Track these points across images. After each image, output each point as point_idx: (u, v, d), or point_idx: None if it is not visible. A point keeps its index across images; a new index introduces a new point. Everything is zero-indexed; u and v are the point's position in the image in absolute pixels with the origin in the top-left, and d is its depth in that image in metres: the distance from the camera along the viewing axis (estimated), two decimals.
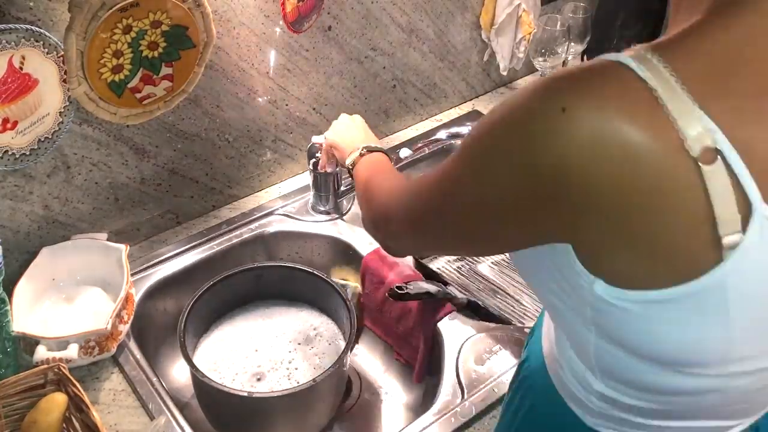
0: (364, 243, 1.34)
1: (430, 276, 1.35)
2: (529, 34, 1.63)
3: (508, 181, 0.59)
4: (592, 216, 0.57)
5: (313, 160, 1.32)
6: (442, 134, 1.26)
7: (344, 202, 1.41)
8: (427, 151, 1.37)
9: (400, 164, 1.34)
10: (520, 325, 1.30)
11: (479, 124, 0.63)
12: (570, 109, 0.55)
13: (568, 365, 0.78)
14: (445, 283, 1.29)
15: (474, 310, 1.27)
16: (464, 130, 1.63)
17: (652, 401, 0.71)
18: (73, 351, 1.03)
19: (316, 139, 1.30)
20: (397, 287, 1.15)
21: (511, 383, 0.95)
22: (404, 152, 1.33)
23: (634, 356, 0.65)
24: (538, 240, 0.64)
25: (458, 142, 1.60)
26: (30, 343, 1.04)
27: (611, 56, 0.58)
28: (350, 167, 1.09)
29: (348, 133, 1.17)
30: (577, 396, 0.78)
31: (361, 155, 1.09)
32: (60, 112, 1.09)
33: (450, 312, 1.19)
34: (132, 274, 1.19)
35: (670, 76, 0.55)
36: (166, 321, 1.26)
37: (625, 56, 0.57)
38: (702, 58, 0.56)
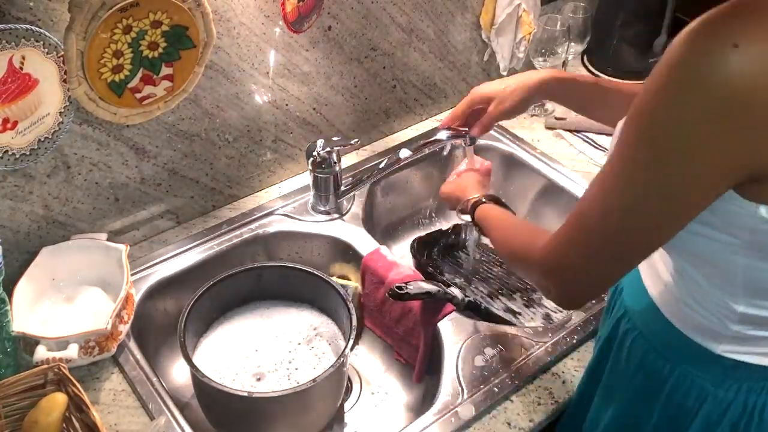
0: (364, 243, 1.34)
1: (431, 276, 1.35)
2: (529, 34, 1.63)
3: (687, 115, 0.63)
4: None
5: (312, 157, 1.32)
6: (442, 135, 1.26)
7: (344, 202, 1.41)
8: (427, 151, 1.37)
9: (400, 164, 1.34)
10: (519, 325, 1.30)
11: (642, 97, 0.67)
12: (742, 45, 0.61)
13: (699, 298, 0.83)
14: (446, 284, 1.29)
15: (474, 310, 1.27)
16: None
17: None
18: (73, 351, 1.03)
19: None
20: (397, 287, 1.15)
21: (604, 344, 0.99)
22: (404, 153, 1.33)
23: None
24: (724, 179, 0.68)
25: (458, 141, 1.60)
26: (30, 343, 1.04)
27: None
28: (471, 216, 1.13)
29: (461, 185, 1.21)
30: (709, 327, 0.83)
31: (484, 202, 1.12)
32: (60, 112, 1.09)
33: (450, 312, 1.19)
34: (132, 274, 1.19)
35: None
36: (166, 321, 1.26)
37: None
38: None
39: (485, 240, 1.28)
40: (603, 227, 0.74)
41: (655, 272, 0.90)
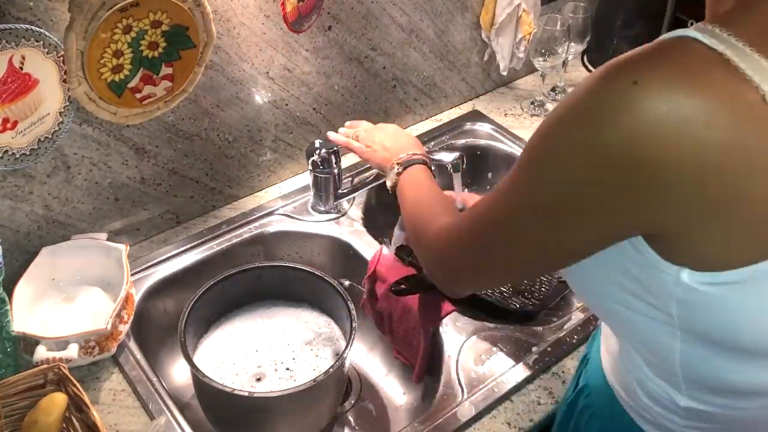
0: (364, 243, 1.34)
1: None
2: (529, 34, 1.63)
3: (583, 169, 0.58)
4: (674, 192, 0.56)
5: (312, 158, 1.32)
6: (447, 157, 1.27)
7: (344, 202, 1.41)
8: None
9: None
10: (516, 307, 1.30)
11: (543, 124, 0.63)
12: (642, 81, 0.55)
13: (644, 387, 0.76)
14: None
15: (475, 305, 1.27)
16: (463, 129, 1.64)
17: (742, 407, 0.70)
18: (73, 351, 1.03)
19: (333, 136, 1.26)
20: (398, 282, 1.15)
21: (565, 413, 0.94)
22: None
23: (722, 350, 0.64)
24: (614, 236, 0.62)
25: (457, 142, 1.61)
26: (30, 343, 1.04)
27: (675, 33, 0.58)
28: (392, 189, 1.07)
29: (384, 142, 1.14)
30: (657, 419, 0.77)
31: (398, 174, 1.05)
32: (60, 112, 1.09)
33: (450, 312, 1.19)
34: (132, 274, 1.19)
35: (736, 41, 0.56)
36: (166, 321, 1.26)
37: (689, 30, 0.58)
38: (760, 25, 0.57)
39: None
40: (481, 229, 0.72)
41: (608, 348, 0.85)
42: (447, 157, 1.29)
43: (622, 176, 0.56)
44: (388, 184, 1.08)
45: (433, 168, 1.10)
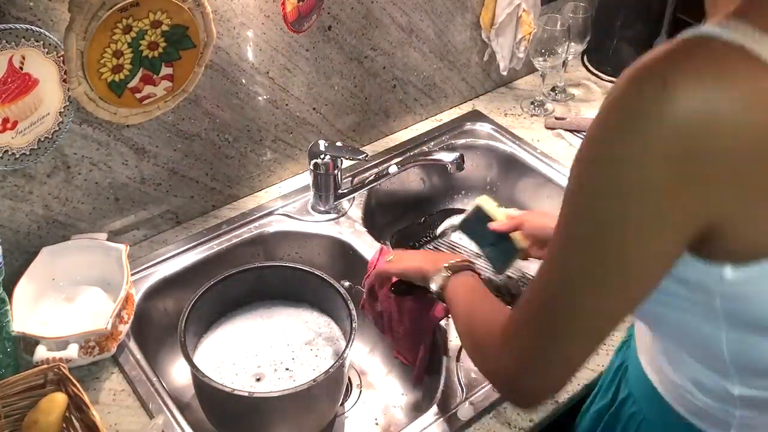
0: (364, 243, 1.34)
1: None
2: (529, 34, 1.63)
3: (627, 183, 0.58)
4: (718, 184, 0.57)
5: (315, 160, 1.32)
6: (447, 157, 1.28)
7: (344, 202, 1.41)
8: (414, 163, 1.38)
9: (389, 177, 1.36)
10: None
11: (578, 152, 0.62)
12: (671, 79, 0.56)
13: (696, 383, 0.77)
14: None
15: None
16: (463, 129, 1.64)
17: None
18: (73, 351, 1.03)
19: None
20: (399, 281, 1.15)
21: (607, 423, 0.93)
22: (392, 168, 1.36)
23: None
24: (672, 248, 0.62)
25: (457, 142, 1.61)
26: (30, 343, 1.04)
27: (691, 32, 0.59)
28: (438, 292, 0.99)
29: (413, 256, 1.09)
30: (714, 414, 0.77)
31: (447, 277, 0.98)
32: (60, 112, 1.09)
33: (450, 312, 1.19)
34: (132, 274, 1.19)
35: (753, 32, 0.57)
36: (166, 321, 1.26)
37: (703, 28, 0.59)
38: None
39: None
40: (551, 302, 0.67)
41: (650, 356, 0.85)
42: (447, 157, 1.29)
43: (669, 177, 0.57)
44: (433, 287, 1.00)
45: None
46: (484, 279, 1.24)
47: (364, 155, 1.33)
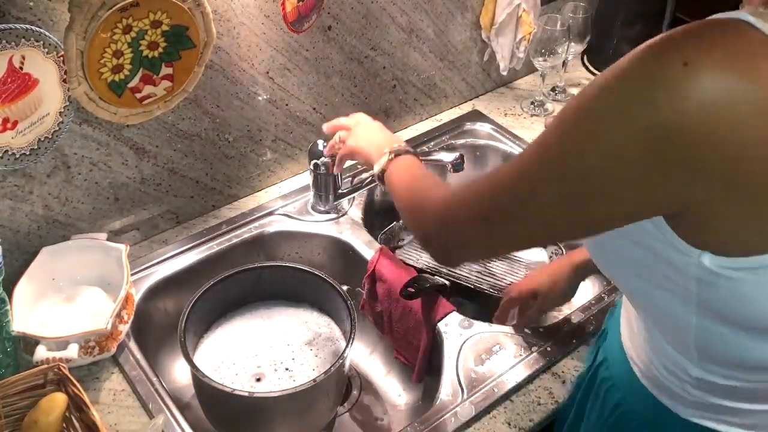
0: (364, 243, 1.34)
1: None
2: (529, 34, 1.63)
3: (622, 143, 0.58)
4: (710, 175, 0.56)
5: (315, 161, 1.32)
6: (447, 157, 1.28)
7: (344, 202, 1.41)
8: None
9: None
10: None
11: (582, 96, 0.62)
12: (692, 62, 0.55)
13: (660, 357, 0.79)
14: (430, 272, 1.31)
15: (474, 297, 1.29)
16: (463, 130, 1.64)
17: (747, 380, 0.72)
18: (73, 351, 1.03)
19: (322, 145, 1.29)
20: (406, 286, 1.16)
21: (585, 388, 0.95)
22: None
23: (737, 328, 0.66)
24: (643, 213, 0.62)
25: (457, 142, 1.61)
26: (30, 343, 1.04)
27: (728, 14, 0.58)
28: (380, 174, 1.05)
29: (369, 136, 1.13)
30: (671, 388, 0.79)
31: (390, 160, 1.03)
32: (60, 112, 1.09)
33: (450, 312, 1.19)
34: (132, 274, 1.19)
35: None
36: (166, 321, 1.26)
37: (741, 12, 0.57)
38: None
39: None
40: (498, 194, 0.70)
41: (628, 321, 0.87)
42: (447, 157, 1.29)
43: (664, 154, 0.57)
44: (376, 169, 1.06)
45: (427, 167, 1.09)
46: None
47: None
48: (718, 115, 0.54)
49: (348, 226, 1.38)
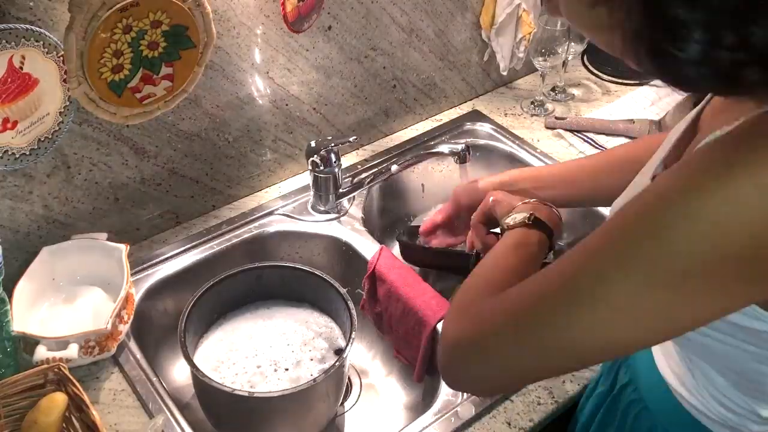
0: (364, 243, 1.34)
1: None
2: (529, 33, 1.63)
3: (694, 246, 0.54)
4: None
5: (312, 158, 1.32)
6: (444, 148, 1.28)
7: (344, 202, 1.41)
8: (415, 160, 1.39)
9: (400, 169, 1.36)
10: None
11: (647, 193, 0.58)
12: (737, 165, 0.53)
13: (718, 398, 0.76)
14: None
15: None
16: (463, 129, 1.64)
17: None
18: (73, 351, 1.03)
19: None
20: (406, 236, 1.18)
21: (607, 407, 0.93)
22: (394, 167, 1.36)
23: None
24: (726, 310, 0.58)
25: (457, 142, 1.61)
26: (30, 343, 1.04)
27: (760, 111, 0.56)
28: (506, 227, 0.93)
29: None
30: (728, 424, 0.77)
31: (527, 224, 0.90)
32: (60, 112, 1.09)
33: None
34: (132, 274, 1.19)
35: None
36: (166, 321, 1.26)
37: None
38: None
39: None
40: (543, 300, 0.61)
41: (669, 357, 0.83)
42: (453, 147, 1.30)
43: (736, 253, 0.54)
44: (508, 221, 0.93)
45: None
46: None
47: (354, 137, 1.33)
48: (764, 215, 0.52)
49: (348, 226, 1.38)
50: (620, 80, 1.80)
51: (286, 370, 1.16)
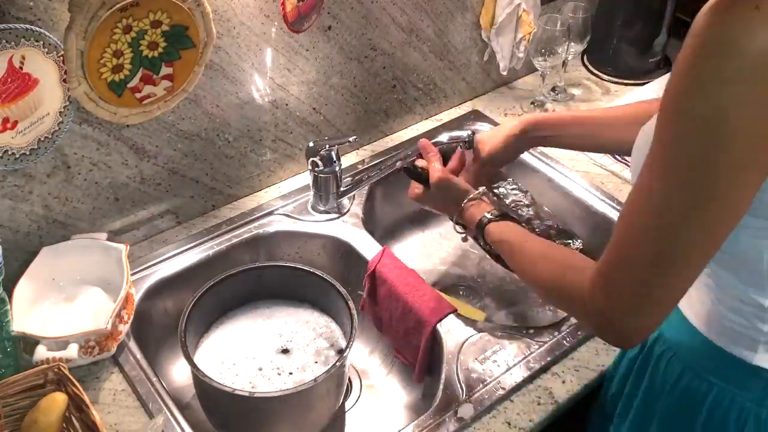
0: (365, 243, 1.34)
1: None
2: (529, 33, 1.63)
3: (731, 95, 0.60)
4: None
5: (312, 158, 1.32)
6: (443, 137, 1.28)
7: (344, 202, 1.41)
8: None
9: (402, 166, 1.36)
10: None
11: (673, 76, 0.64)
12: (763, 6, 0.58)
13: (726, 301, 0.81)
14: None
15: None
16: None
17: None
18: (73, 351, 1.03)
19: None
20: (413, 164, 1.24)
21: (639, 368, 0.97)
22: (399, 163, 1.37)
23: None
24: None
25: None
26: (30, 343, 1.04)
27: None
28: (483, 234, 1.06)
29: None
30: (741, 332, 0.81)
31: (493, 220, 1.05)
32: (60, 112, 1.09)
33: (450, 312, 1.19)
34: (132, 274, 1.19)
35: None
36: (166, 321, 1.26)
37: None
38: None
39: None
40: (655, 237, 0.68)
41: (697, 287, 0.87)
42: (459, 134, 1.31)
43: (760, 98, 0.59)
44: (477, 222, 1.08)
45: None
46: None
47: (354, 137, 1.34)
48: None
49: (348, 226, 1.38)
50: (620, 80, 1.80)
51: (287, 370, 1.16)
